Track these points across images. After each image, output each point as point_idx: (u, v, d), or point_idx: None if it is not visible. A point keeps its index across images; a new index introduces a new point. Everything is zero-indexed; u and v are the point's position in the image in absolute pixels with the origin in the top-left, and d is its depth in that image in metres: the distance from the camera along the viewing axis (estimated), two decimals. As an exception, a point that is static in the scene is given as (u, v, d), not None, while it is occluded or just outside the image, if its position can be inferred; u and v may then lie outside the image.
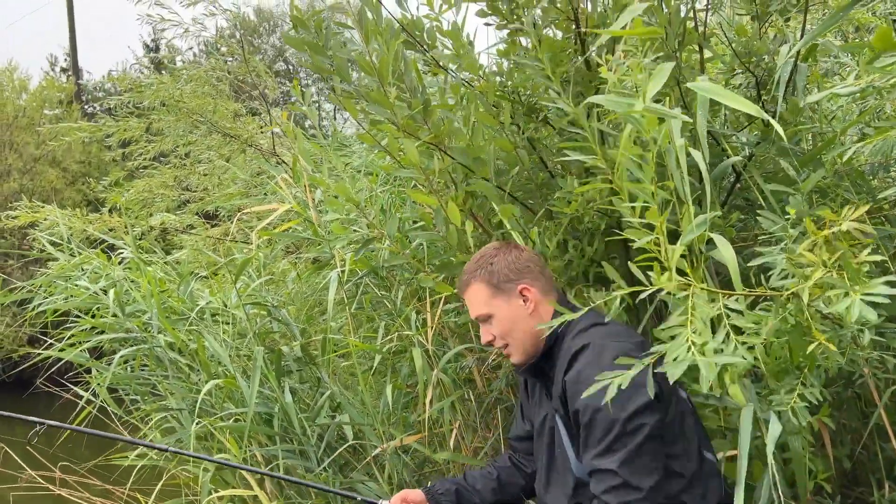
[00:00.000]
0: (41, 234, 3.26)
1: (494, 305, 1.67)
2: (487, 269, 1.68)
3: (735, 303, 1.34)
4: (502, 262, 1.68)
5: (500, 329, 1.68)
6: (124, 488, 3.08)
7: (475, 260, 1.73)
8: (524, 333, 1.66)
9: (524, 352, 1.67)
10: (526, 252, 1.72)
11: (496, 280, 1.67)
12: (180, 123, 4.94)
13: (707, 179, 1.53)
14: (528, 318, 1.65)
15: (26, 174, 13.88)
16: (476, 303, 1.69)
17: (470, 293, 1.71)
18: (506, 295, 1.66)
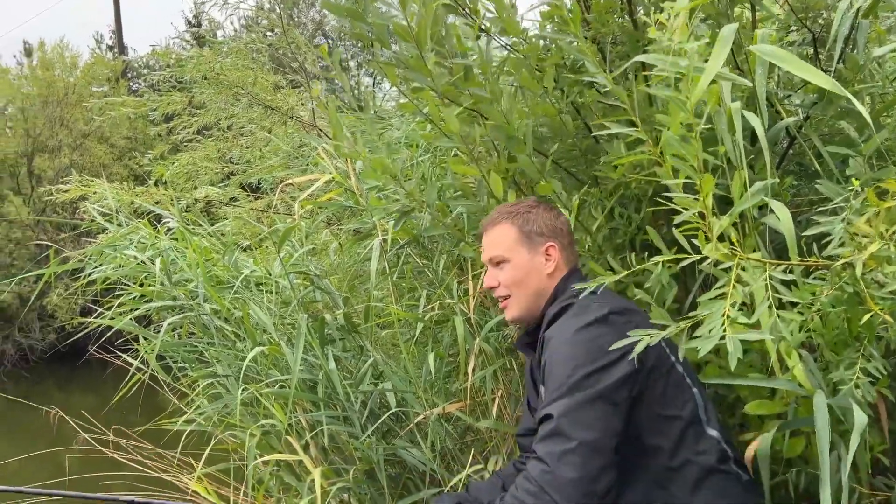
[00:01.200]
0: (92, 205, 3.34)
1: (516, 252, 1.62)
2: (524, 215, 1.64)
3: (786, 273, 1.28)
4: (540, 216, 1.65)
5: (510, 277, 1.62)
6: (174, 452, 3.18)
7: (511, 205, 1.69)
8: (532, 291, 1.61)
9: (523, 309, 1.63)
10: (563, 218, 1.69)
11: (528, 228, 1.62)
12: (221, 96, 4.98)
13: (764, 145, 1.47)
14: (544, 277, 1.61)
15: (76, 150, 14.26)
16: (498, 243, 1.64)
17: (495, 232, 1.65)
18: (532, 246, 1.62)
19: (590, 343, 1.41)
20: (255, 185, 5.39)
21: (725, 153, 1.54)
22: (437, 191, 2.23)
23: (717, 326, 1.17)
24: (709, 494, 1.40)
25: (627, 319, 1.45)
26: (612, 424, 1.36)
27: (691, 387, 1.47)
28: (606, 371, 1.37)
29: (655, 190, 1.95)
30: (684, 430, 1.42)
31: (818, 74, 1.21)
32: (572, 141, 2.16)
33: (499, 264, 1.65)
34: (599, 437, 1.34)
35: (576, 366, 1.39)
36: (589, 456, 1.32)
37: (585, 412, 1.35)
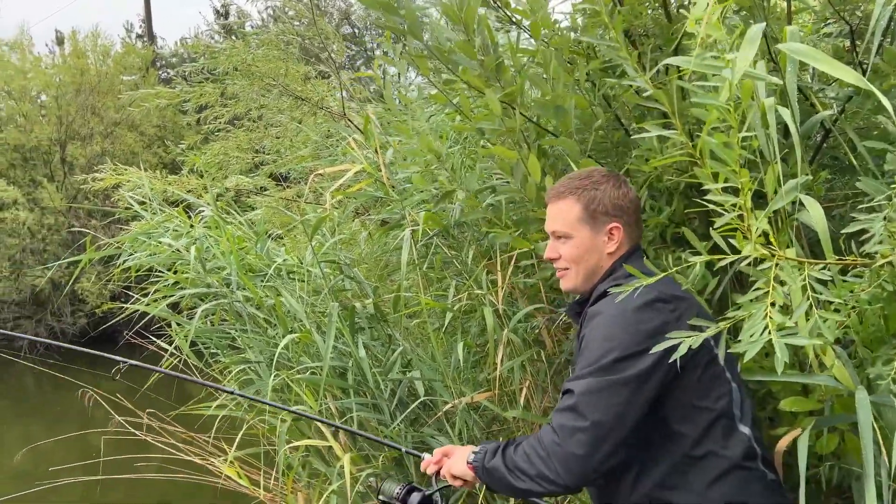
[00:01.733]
0: (127, 193, 3.41)
1: (578, 229, 1.59)
2: (591, 191, 1.58)
3: (823, 272, 1.27)
4: (608, 192, 1.58)
5: (571, 253, 1.60)
6: (204, 436, 3.25)
7: (581, 176, 1.62)
8: (591, 267, 1.60)
9: (579, 283, 1.62)
10: (632, 193, 1.63)
11: (594, 207, 1.57)
12: (253, 87, 5.03)
13: (797, 141, 1.46)
14: (604, 256, 1.59)
15: (107, 138, 14.47)
16: (561, 218, 1.61)
17: (560, 206, 1.61)
18: (595, 225, 1.58)
19: (628, 327, 1.40)
20: (284, 174, 5.44)
21: (758, 147, 1.54)
22: (476, 177, 2.25)
23: (759, 329, 1.16)
24: (727, 488, 1.40)
25: (673, 307, 1.43)
26: (629, 411, 1.37)
27: (730, 381, 1.46)
28: (638, 358, 1.37)
29: (688, 183, 1.95)
30: (713, 423, 1.42)
31: (848, 72, 1.20)
32: (603, 133, 2.17)
33: (561, 238, 1.63)
34: (612, 422, 1.36)
35: (610, 348, 1.39)
36: (598, 438, 1.36)
37: (605, 396, 1.37)
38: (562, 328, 2.48)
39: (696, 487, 1.41)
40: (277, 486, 3.12)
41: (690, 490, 1.42)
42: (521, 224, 2.22)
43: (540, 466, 1.40)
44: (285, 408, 2.24)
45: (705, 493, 1.41)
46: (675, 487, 1.43)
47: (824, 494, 1.87)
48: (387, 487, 1.75)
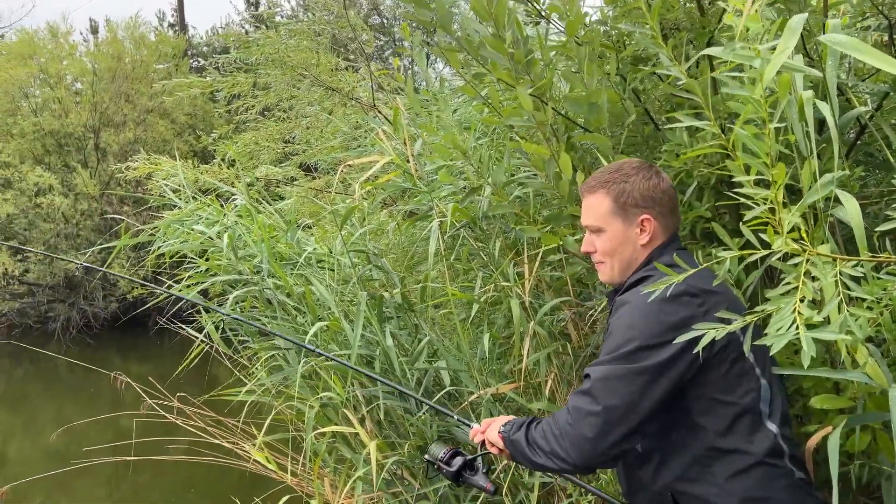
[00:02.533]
0: (163, 181, 3.47)
1: (610, 223, 1.60)
2: (620, 184, 1.59)
3: (856, 269, 1.26)
4: (637, 184, 1.58)
5: (605, 246, 1.62)
6: (233, 420, 3.32)
7: (611, 170, 1.63)
8: (626, 259, 1.61)
9: (616, 275, 1.63)
10: (664, 183, 1.62)
11: (623, 199, 1.58)
12: (285, 77, 5.08)
13: (835, 135, 1.44)
14: (638, 248, 1.59)
15: (140, 125, 14.69)
16: (593, 213, 1.62)
17: (591, 200, 1.63)
18: (627, 218, 1.59)
19: (651, 318, 1.41)
20: (312, 165, 5.49)
21: (795, 142, 1.52)
22: (503, 171, 2.26)
23: (787, 323, 1.16)
24: (749, 483, 1.40)
25: (701, 301, 1.42)
26: (643, 401, 1.39)
27: (759, 378, 1.45)
28: (658, 350, 1.38)
29: (718, 178, 1.94)
30: (738, 418, 1.42)
31: (894, 64, 1.19)
32: (633, 127, 2.16)
33: (596, 231, 1.64)
34: (625, 409, 1.39)
35: (631, 337, 1.41)
36: (608, 423, 1.39)
37: (621, 383, 1.39)
38: (588, 322, 2.48)
39: (717, 480, 1.42)
40: (304, 472, 3.17)
41: (711, 483, 1.42)
42: (550, 220, 2.23)
43: (553, 444, 1.46)
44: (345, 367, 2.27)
45: (725, 486, 1.41)
46: (696, 479, 1.44)
47: (853, 494, 1.86)
48: (434, 449, 1.81)
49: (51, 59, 14.43)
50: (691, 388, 1.43)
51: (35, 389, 10.45)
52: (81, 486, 6.64)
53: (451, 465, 1.76)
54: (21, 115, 14.17)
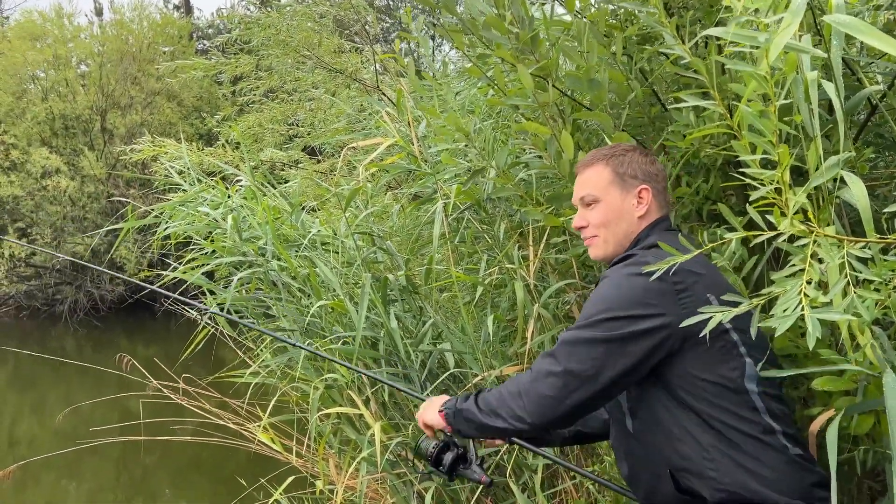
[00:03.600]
0: (168, 163, 3.47)
1: (609, 192, 1.61)
2: (619, 157, 1.63)
3: (863, 250, 1.24)
4: (635, 159, 1.62)
5: (601, 217, 1.62)
6: (237, 401, 3.34)
7: (608, 147, 1.68)
8: (619, 232, 1.61)
9: (609, 250, 1.63)
10: (658, 164, 1.66)
11: (622, 170, 1.61)
12: (287, 58, 5.05)
13: (840, 116, 1.42)
14: (634, 219, 1.60)
15: (146, 108, 14.68)
16: (591, 183, 1.64)
17: (589, 172, 1.65)
18: (625, 188, 1.61)
19: (627, 291, 1.43)
20: (316, 148, 5.47)
21: (801, 123, 1.50)
22: (506, 154, 2.25)
23: (793, 305, 1.15)
24: (741, 454, 1.40)
25: (679, 280, 1.42)
26: (604, 370, 1.40)
27: (743, 356, 1.45)
28: (627, 321, 1.40)
29: (725, 159, 1.92)
30: (724, 396, 1.42)
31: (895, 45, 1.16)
32: (639, 108, 2.14)
33: (590, 205, 1.64)
34: (584, 375, 1.40)
35: (606, 308, 1.42)
36: (567, 386, 1.41)
37: (585, 349, 1.41)
38: (593, 304, 2.47)
39: (711, 456, 1.42)
40: (309, 453, 3.20)
41: (706, 458, 1.42)
42: (553, 200, 2.22)
43: (511, 402, 1.47)
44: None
45: (719, 462, 1.41)
46: (691, 457, 1.44)
47: (857, 478, 1.85)
48: (423, 445, 1.75)
49: (57, 41, 14.40)
50: (673, 366, 1.43)
51: (43, 371, 10.55)
52: (90, 467, 6.72)
53: (443, 461, 1.71)
54: (28, 98, 14.17)
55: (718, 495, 1.41)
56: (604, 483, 1.83)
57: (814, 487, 1.43)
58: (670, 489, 1.46)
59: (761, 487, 1.39)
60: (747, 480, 1.40)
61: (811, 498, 1.41)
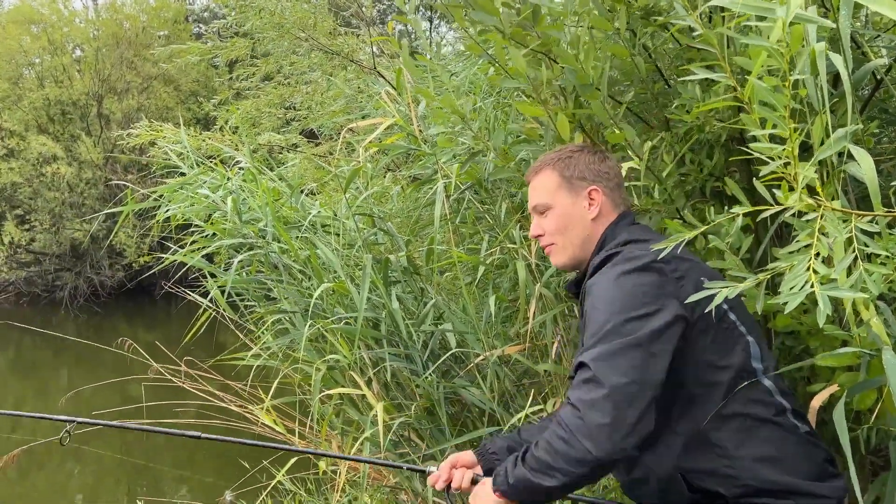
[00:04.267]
0: (167, 146, 3.45)
1: (558, 198, 1.59)
2: (565, 160, 1.61)
3: (871, 224, 1.23)
4: (582, 160, 1.61)
5: (554, 224, 1.59)
6: (241, 384, 3.34)
7: (555, 151, 1.66)
8: (575, 236, 1.58)
9: (568, 256, 1.60)
10: (609, 161, 1.63)
11: (569, 173, 1.59)
12: (283, 41, 5.00)
13: (848, 89, 1.40)
14: (588, 223, 1.57)
15: (143, 92, 14.60)
16: (541, 190, 1.62)
17: (538, 179, 1.63)
18: (573, 191, 1.58)
19: (630, 290, 1.37)
20: (314, 131, 5.44)
21: (806, 96, 1.48)
22: (503, 135, 2.22)
23: (801, 281, 1.13)
24: (758, 446, 1.37)
25: (673, 267, 1.39)
26: (648, 373, 1.30)
27: (745, 335, 1.43)
28: (645, 319, 1.33)
29: (730, 135, 1.90)
30: (734, 380, 1.38)
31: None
32: (644, 84, 2.11)
33: (543, 213, 1.62)
34: (632, 384, 1.28)
35: (613, 312, 1.34)
36: (621, 403, 1.27)
37: (619, 359, 1.29)
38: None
39: (725, 451, 1.38)
40: (312, 434, 3.20)
41: (720, 454, 1.38)
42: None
43: (565, 450, 1.30)
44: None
45: (734, 455, 1.37)
46: (704, 454, 1.40)
47: (860, 455, 1.86)
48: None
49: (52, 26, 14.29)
50: (682, 358, 1.38)
51: (44, 357, 10.57)
52: (92, 452, 6.75)
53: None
54: (24, 84, 14.08)
55: (737, 490, 1.38)
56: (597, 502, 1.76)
57: (825, 463, 1.42)
58: (683, 491, 1.42)
59: (780, 475, 1.37)
60: (765, 471, 1.37)
61: (825, 475, 1.40)
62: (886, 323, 1.42)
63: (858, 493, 1.20)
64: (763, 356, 1.44)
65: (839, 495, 1.39)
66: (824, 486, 1.38)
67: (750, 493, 1.37)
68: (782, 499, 1.36)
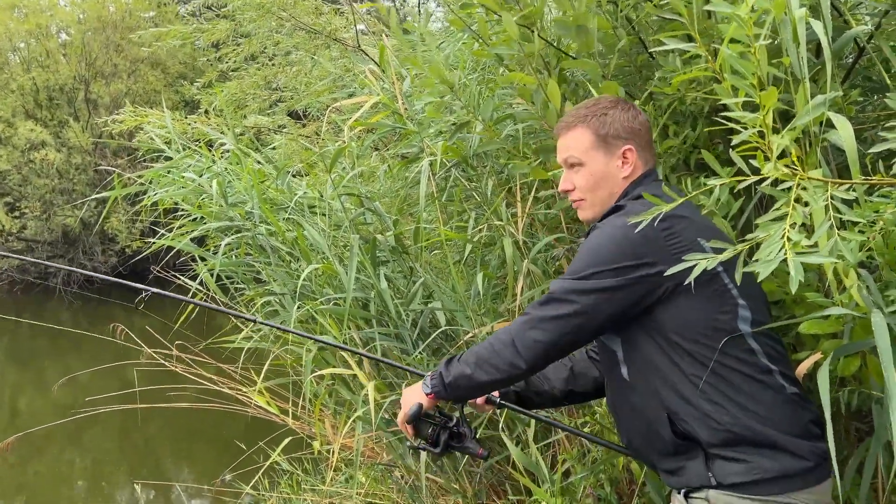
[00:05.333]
0: (152, 130, 3.42)
1: (592, 156, 1.58)
2: (600, 117, 1.58)
3: (848, 192, 1.23)
4: (617, 116, 1.58)
5: (586, 182, 1.59)
6: (233, 367, 3.35)
7: (587, 105, 1.62)
8: (606, 193, 1.59)
9: (597, 211, 1.61)
10: (641, 116, 1.61)
11: (605, 131, 1.57)
12: (264, 20, 4.93)
13: (828, 56, 1.40)
14: (619, 180, 1.58)
15: (131, 76, 14.44)
16: (574, 147, 1.60)
17: (571, 135, 1.61)
18: (608, 151, 1.57)
19: (619, 241, 1.43)
20: (301, 112, 5.40)
21: (789, 66, 1.48)
22: (491, 106, 2.21)
23: (776, 249, 1.14)
24: (743, 397, 1.41)
25: (668, 225, 1.41)
26: (598, 315, 1.45)
27: (736, 298, 1.45)
28: (620, 272, 1.42)
29: (712, 107, 1.89)
30: (717, 338, 1.42)
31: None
32: (626, 57, 2.10)
33: (573, 166, 1.60)
34: (577, 319, 1.45)
35: (596, 261, 1.44)
36: (559, 330, 1.46)
37: (575, 296, 1.44)
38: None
39: (709, 397, 1.43)
40: (305, 414, 3.22)
41: (704, 400, 1.43)
42: (540, 152, 2.19)
43: (504, 352, 1.50)
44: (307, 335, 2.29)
45: (720, 403, 1.42)
46: (688, 401, 1.44)
47: (844, 419, 1.88)
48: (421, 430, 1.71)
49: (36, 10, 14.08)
50: (668, 310, 1.44)
51: (40, 345, 10.57)
52: (92, 438, 6.80)
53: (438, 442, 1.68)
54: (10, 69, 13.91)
55: (718, 436, 1.42)
56: (594, 440, 1.85)
57: (810, 424, 1.45)
58: (668, 435, 1.46)
59: (761, 425, 1.40)
60: (746, 419, 1.41)
61: (809, 434, 1.43)
62: (869, 290, 1.43)
63: (833, 455, 1.21)
64: (755, 321, 1.46)
65: (818, 458, 1.42)
66: (804, 444, 1.41)
67: (729, 441, 1.41)
68: (760, 449, 1.40)
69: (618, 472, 2.23)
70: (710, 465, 1.42)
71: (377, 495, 3.15)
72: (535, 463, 2.28)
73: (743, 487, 1.40)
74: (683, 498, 1.48)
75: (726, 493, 1.41)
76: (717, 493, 1.42)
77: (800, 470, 1.39)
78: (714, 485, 1.42)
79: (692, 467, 1.45)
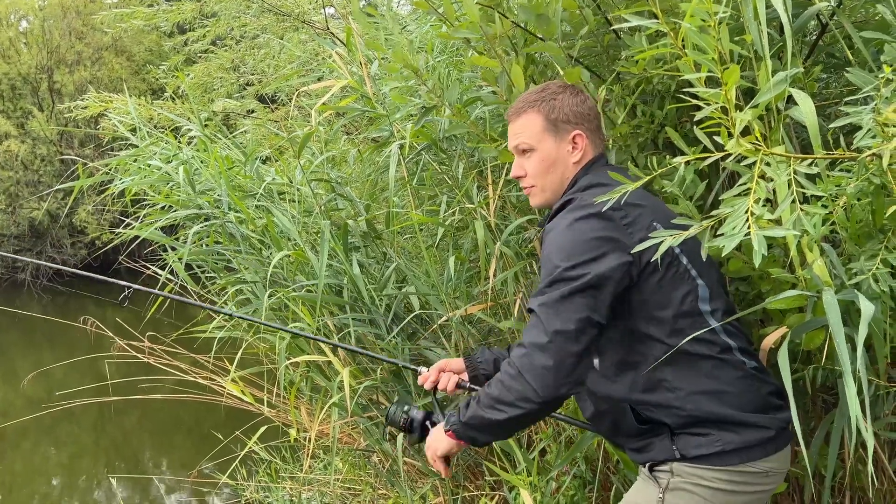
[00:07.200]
0: (115, 118, 3.34)
1: (542, 141, 1.59)
2: (549, 102, 1.58)
3: (810, 167, 1.24)
4: (567, 101, 1.59)
5: (537, 167, 1.60)
6: (206, 357, 3.32)
7: (537, 91, 1.62)
8: (555, 179, 1.60)
9: (548, 197, 1.62)
10: (589, 101, 1.63)
11: (555, 116, 1.57)
12: (231, 2, 4.83)
13: (789, 33, 1.41)
14: (569, 165, 1.59)
15: (95, 63, 14.12)
16: (524, 133, 1.60)
17: (521, 121, 1.61)
18: (558, 135, 1.58)
19: (580, 236, 1.43)
20: (271, 96, 5.32)
21: (752, 43, 1.48)
22: (458, 89, 2.19)
23: (740, 224, 1.15)
24: (700, 381, 1.44)
25: (624, 214, 1.43)
26: (590, 317, 1.39)
27: (695, 279, 1.48)
28: (591, 265, 1.39)
29: (679, 85, 1.90)
30: (679, 320, 1.45)
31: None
32: (593, 37, 2.09)
33: (525, 152, 1.61)
34: (574, 330, 1.38)
35: (561, 258, 1.41)
36: (563, 346, 1.38)
37: (562, 305, 1.39)
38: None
39: (670, 384, 1.46)
40: (281, 402, 3.21)
41: (666, 388, 1.46)
42: (504, 134, 2.18)
43: (516, 387, 1.41)
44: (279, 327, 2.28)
45: (678, 388, 1.45)
46: (651, 389, 1.47)
47: (811, 393, 1.91)
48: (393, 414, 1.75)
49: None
50: (632, 297, 1.45)
51: (10, 339, 10.38)
52: (68, 433, 6.71)
53: (413, 427, 1.72)
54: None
55: (681, 420, 1.45)
56: (568, 420, 1.87)
57: (769, 396, 1.49)
58: (632, 422, 1.50)
59: (721, 406, 1.44)
60: (707, 402, 1.44)
61: (767, 406, 1.47)
62: (832, 264, 1.45)
63: (798, 428, 1.24)
64: (713, 299, 1.49)
65: (778, 425, 1.47)
66: (764, 416, 1.45)
67: (690, 423, 1.45)
68: (721, 428, 1.44)
69: (592, 450, 2.26)
70: (675, 440, 1.46)
71: (355, 481, 3.16)
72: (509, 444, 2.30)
73: (705, 459, 1.44)
74: (648, 471, 1.52)
75: (690, 465, 1.45)
76: (680, 465, 1.46)
77: (760, 440, 1.44)
78: (678, 458, 1.46)
79: (658, 444, 1.49)
